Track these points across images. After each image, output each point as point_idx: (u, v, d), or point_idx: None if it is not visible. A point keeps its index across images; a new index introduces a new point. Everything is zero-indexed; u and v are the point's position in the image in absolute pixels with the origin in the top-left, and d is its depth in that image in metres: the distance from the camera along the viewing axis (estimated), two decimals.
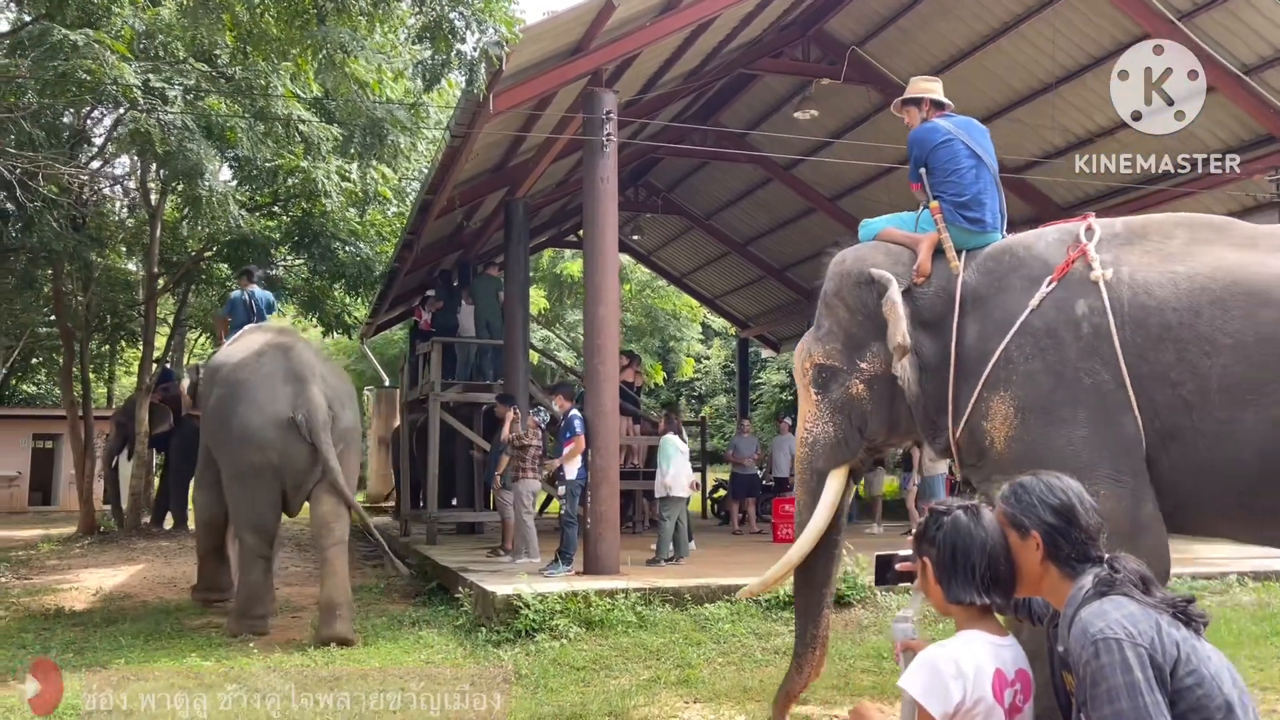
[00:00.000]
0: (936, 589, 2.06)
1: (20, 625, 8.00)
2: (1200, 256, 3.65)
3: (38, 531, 16.43)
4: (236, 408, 7.54)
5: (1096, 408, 3.63)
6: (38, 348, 21.91)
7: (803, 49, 12.76)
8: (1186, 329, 3.52)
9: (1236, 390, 3.43)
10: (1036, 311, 3.80)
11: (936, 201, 4.27)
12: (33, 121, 10.18)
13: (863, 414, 4.31)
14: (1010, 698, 1.94)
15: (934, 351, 4.10)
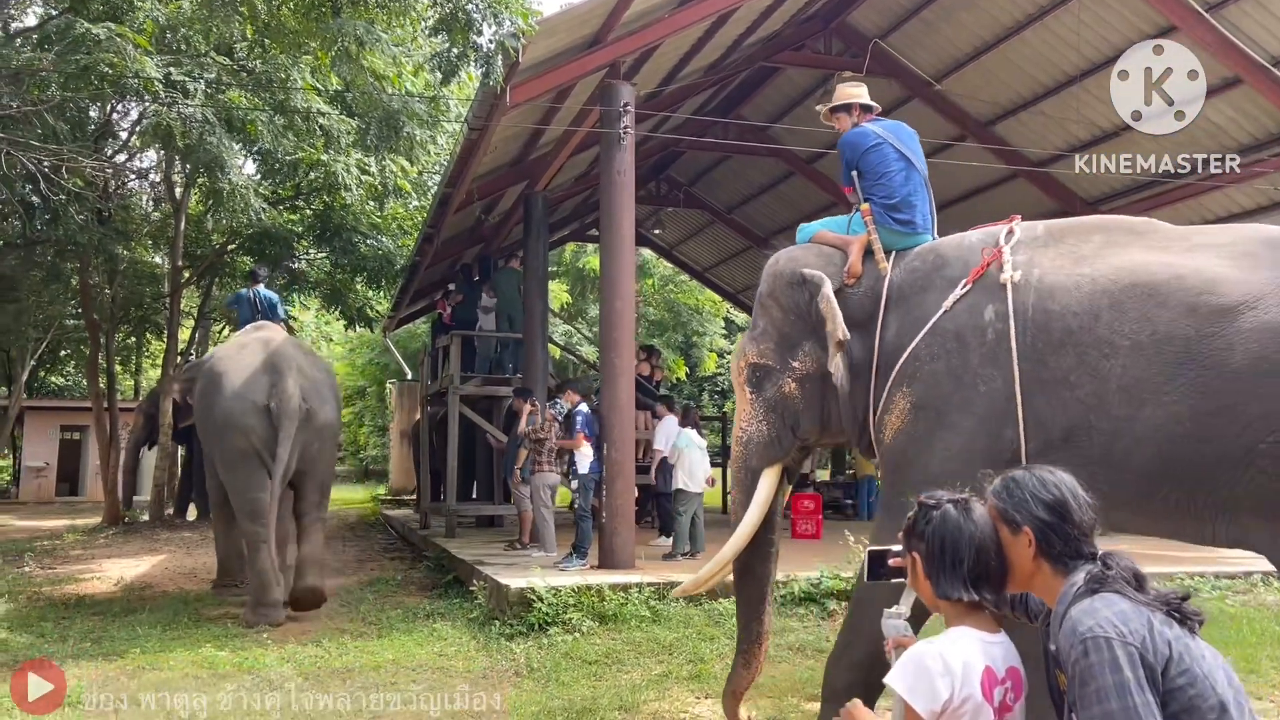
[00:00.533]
0: (926, 584, 2.01)
1: (40, 614, 8.08)
2: (1109, 259, 3.72)
3: (64, 521, 16.63)
4: (218, 397, 7.91)
5: (983, 418, 3.74)
6: (65, 340, 22.17)
7: (824, 42, 12.66)
8: (1086, 332, 3.59)
9: (1134, 389, 3.49)
10: (949, 313, 3.90)
11: (867, 204, 4.38)
12: (57, 115, 10.29)
13: (795, 412, 4.37)
14: (1000, 696, 1.90)
15: (861, 351, 4.19)
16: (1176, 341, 3.45)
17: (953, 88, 12.39)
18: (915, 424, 3.90)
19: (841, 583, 7.54)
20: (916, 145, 4.62)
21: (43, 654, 6.58)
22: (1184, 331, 3.45)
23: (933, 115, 12.96)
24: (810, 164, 15.54)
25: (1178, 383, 3.43)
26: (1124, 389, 3.51)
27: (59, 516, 18.20)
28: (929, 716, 1.84)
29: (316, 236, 15.55)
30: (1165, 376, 3.45)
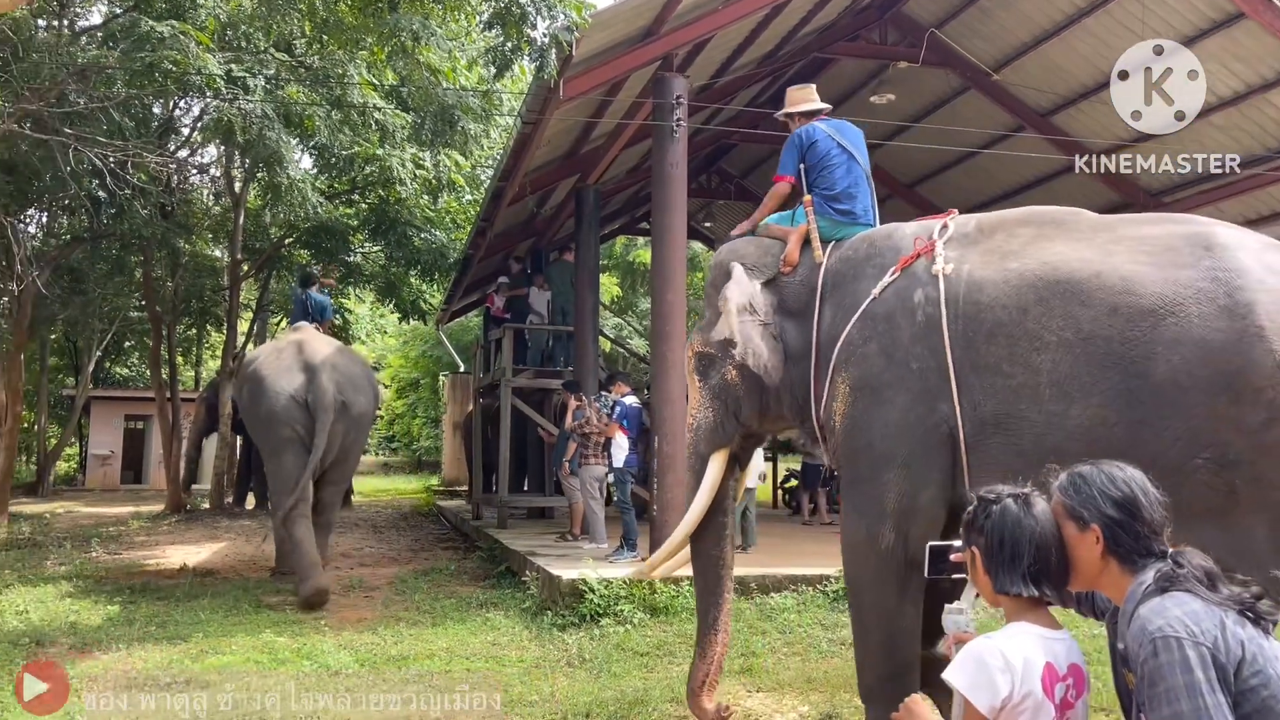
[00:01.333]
0: (985, 579, 1.99)
1: (108, 598, 8.30)
2: (1035, 254, 3.79)
3: (128, 508, 17.07)
4: (262, 395, 8.75)
5: (917, 392, 3.84)
6: (129, 332, 22.71)
7: (880, 32, 12.51)
8: (1016, 326, 3.66)
9: (1064, 385, 3.55)
10: (879, 299, 4.04)
11: (810, 195, 4.56)
12: (123, 111, 10.53)
13: (737, 399, 4.51)
14: (1061, 693, 1.87)
15: (798, 339, 4.33)
16: (1099, 342, 3.50)
17: (1010, 78, 12.18)
18: (855, 405, 4.03)
19: None
20: (860, 142, 4.82)
21: (111, 637, 6.77)
22: (1106, 332, 3.49)
23: (990, 105, 12.76)
24: None
25: (1104, 386, 3.48)
26: (1055, 384, 3.56)
27: (124, 503, 18.68)
28: (989, 713, 1.81)
29: (372, 230, 15.75)
30: (1092, 377, 3.50)
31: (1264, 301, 3.29)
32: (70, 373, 25.00)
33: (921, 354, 3.85)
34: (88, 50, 9.90)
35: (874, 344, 4.00)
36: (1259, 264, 3.40)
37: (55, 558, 10.64)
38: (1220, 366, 3.29)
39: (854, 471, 4.08)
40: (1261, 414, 3.25)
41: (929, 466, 3.83)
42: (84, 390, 22.70)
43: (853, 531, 4.08)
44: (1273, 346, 3.23)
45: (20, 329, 13.93)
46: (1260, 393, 3.24)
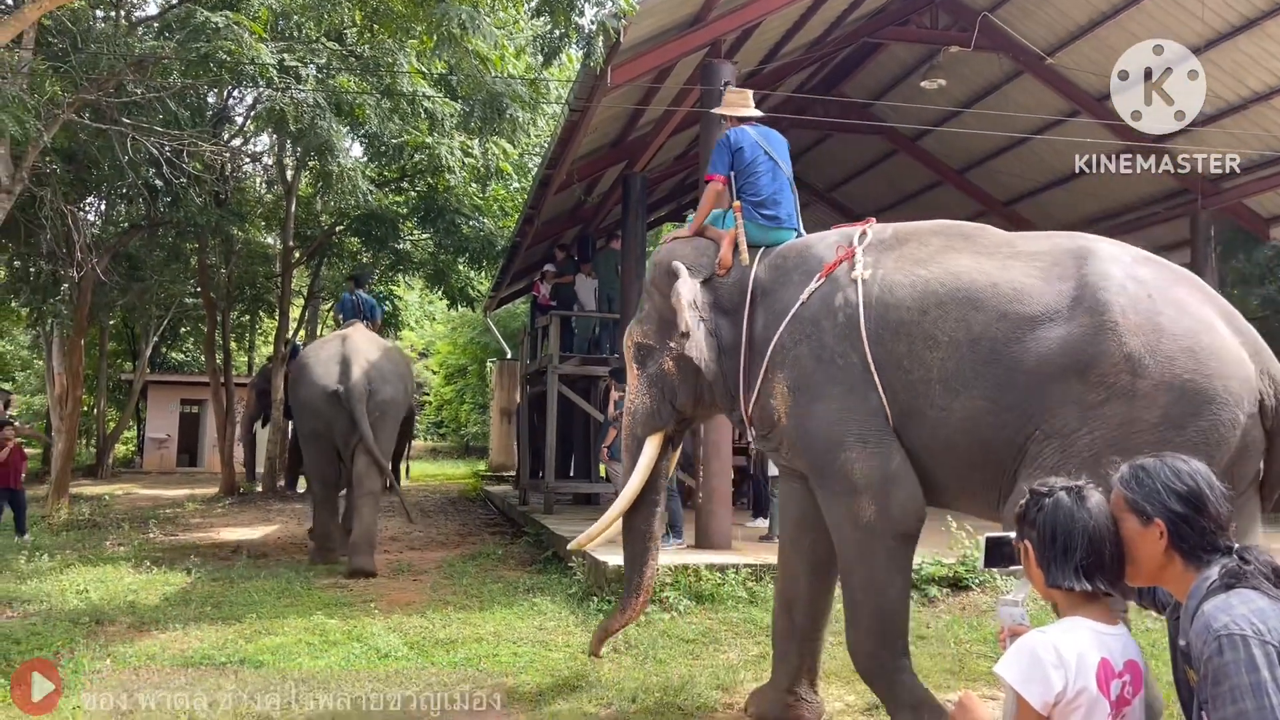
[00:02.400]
0: (1038, 573, 1.96)
1: (165, 579, 8.50)
2: (941, 263, 4.18)
3: (184, 491, 17.45)
4: (300, 385, 9.70)
5: (848, 385, 4.22)
6: (185, 318, 23.16)
7: (931, 16, 12.33)
8: (915, 326, 4.07)
9: (950, 382, 3.96)
10: (806, 304, 4.43)
11: (739, 201, 4.87)
12: (178, 101, 10.72)
13: (673, 388, 4.91)
14: (1118, 689, 1.84)
15: (730, 335, 4.75)
16: (986, 342, 3.91)
17: (1064, 61, 11.95)
18: (797, 404, 4.40)
19: (943, 569, 7.41)
20: (785, 151, 5.19)
21: (168, 616, 6.93)
22: (994, 333, 3.90)
23: (1043, 90, 12.53)
24: (915, 141, 15.20)
25: (985, 380, 3.89)
26: (946, 380, 3.98)
27: (179, 486, 19.10)
28: (1042, 708, 1.79)
29: (421, 218, 15.88)
30: (975, 373, 3.91)
31: (1119, 302, 3.72)
32: (128, 358, 25.57)
33: (845, 351, 4.24)
34: (144, 41, 10.06)
35: (804, 346, 4.39)
36: (1124, 273, 3.83)
37: (114, 538, 10.91)
38: (1077, 355, 3.73)
39: (815, 464, 4.38)
40: (1102, 394, 3.69)
41: (881, 435, 4.14)
42: (141, 375, 23.20)
43: (831, 515, 4.37)
44: (1123, 340, 3.66)
45: (81, 315, 14.26)
46: (1105, 377, 3.68)
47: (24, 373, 28.38)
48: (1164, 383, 3.61)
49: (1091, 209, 14.52)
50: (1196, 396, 3.59)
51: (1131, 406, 3.65)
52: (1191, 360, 3.61)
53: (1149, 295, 3.75)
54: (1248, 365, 3.68)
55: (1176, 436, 3.55)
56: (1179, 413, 3.60)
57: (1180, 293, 3.80)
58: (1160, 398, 3.62)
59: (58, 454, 14.27)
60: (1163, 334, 3.66)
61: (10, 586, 7.92)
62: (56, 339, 17.55)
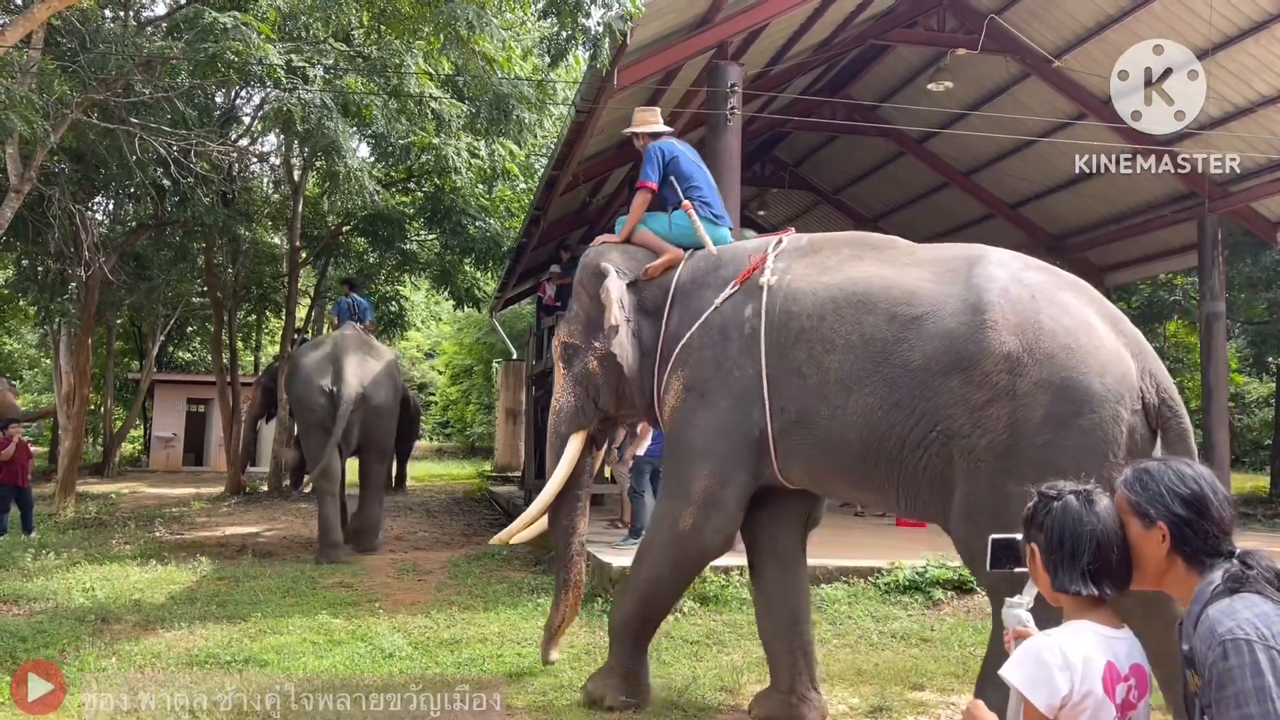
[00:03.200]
0: (1044, 576, 1.95)
1: (170, 577, 8.52)
2: (845, 271, 4.39)
3: (190, 490, 17.49)
4: (297, 383, 10.38)
5: (737, 397, 4.46)
6: (192, 317, 23.22)
7: (938, 18, 12.32)
8: (814, 332, 4.28)
9: (845, 382, 4.16)
10: (718, 309, 4.65)
11: (689, 201, 5.13)
12: (186, 101, 10.75)
13: (596, 387, 5.08)
14: (1123, 693, 1.83)
15: (650, 336, 4.96)
16: (876, 343, 4.11)
17: (1072, 64, 11.93)
18: (685, 403, 4.64)
19: (949, 571, 7.40)
20: (703, 162, 5.51)
21: (173, 615, 6.95)
22: (884, 335, 4.10)
23: (1050, 93, 12.52)
24: (921, 143, 15.18)
25: (876, 378, 4.08)
26: (839, 381, 4.18)
27: (185, 485, 19.14)
28: (1048, 711, 1.79)
29: (427, 218, 15.91)
30: (867, 372, 4.11)
31: (1001, 304, 3.88)
32: (135, 357, 25.64)
33: (744, 364, 4.47)
34: (153, 41, 10.09)
35: (708, 351, 4.62)
36: (1009, 276, 4.00)
37: (120, 536, 10.94)
38: (958, 353, 3.89)
39: (674, 459, 4.74)
40: (985, 394, 3.83)
41: (736, 466, 4.48)
42: (148, 374, 23.26)
43: (660, 507, 4.78)
44: (1002, 338, 3.81)
45: (88, 314, 14.31)
46: (987, 376, 3.83)
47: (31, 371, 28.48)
48: (1043, 381, 3.74)
49: (1099, 212, 14.50)
50: (1076, 394, 3.71)
51: (1015, 407, 3.78)
52: (1070, 358, 3.74)
53: (1032, 297, 3.90)
54: (1128, 364, 3.80)
55: (1064, 436, 3.72)
56: (1061, 411, 3.73)
57: (1064, 296, 3.95)
58: (1041, 397, 3.74)
59: (64, 452, 14.32)
60: (1042, 333, 3.79)
61: (17, 584, 7.95)
62: (64, 337, 17.61)
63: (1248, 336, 21.34)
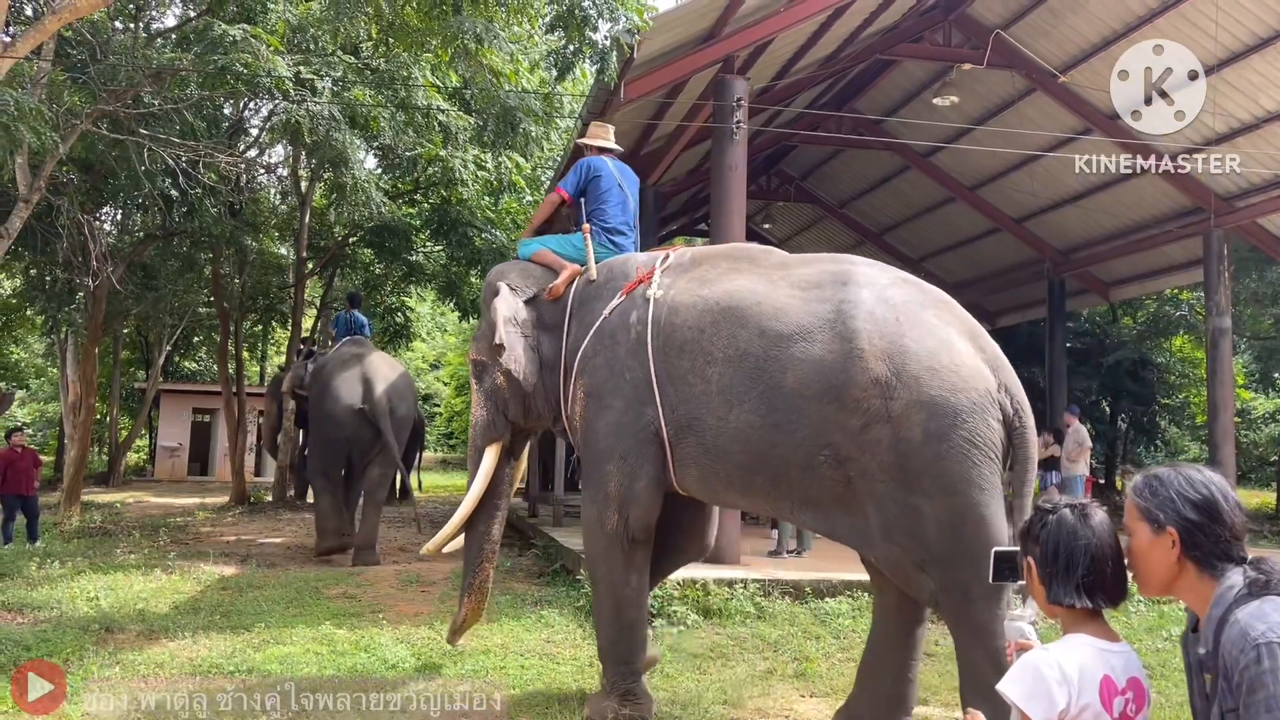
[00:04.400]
0: (1040, 589, 1.97)
1: (174, 587, 8.52)
2: (723, 284, 4.59)
3: (195, 500, 17.50)
4: (325, 400, 10.62)
5: (630, 398, 4.67)
6: (198, 327, 23.28)
7: (944, 33, 12.37)
8: (695, 343, 4.49)
9: (726, 394, 4.35)
10: (608, 318, 4.89)
11: (588, 224, 5.34)
12: (195, 112, 10.80)
13: (504, 400, 5.31)
14: (1120, 706, 1.84)
15: (552, 350, 5.20)
16: (750, 358, 4.29)
17: (1078, 79, 11.97)
18: (587, 409, 4.89)
19: None
20: (635, 187, 5.71)
21: (177, 625, 6.95)
22: (756, 350, 4.28)
23: (1056, 108, 12.55)
24: (926, 158, 15.22)
25: (753, 393, 4.26)
26: (721, 392, 4.36)
27: (190, 494, 19.16)
28: None
29: (434, 230, 15.94)
30: (745, 387, 4.29)
31: (867, 329, 4.07)
32: (141, 366, 25.71)
33: (633, 366, 4.69)
34: (163, 53, 10.15)
35: (601, 357, 4.85)
36: (876, 298, 4.17)
37: (125, 546, 10.95)
38: (830, 380, 4.09)
39: (587, 465, 4.95)
40: (860, 419, 4.03)
41: (641, 460, 4.66)
42: (154, 383, 23.32)
43: (586, 515, 4.97)
44: (869, 366, 4.01)
45: (95, 323, 14.35)
46: (859, 402, 4.03)
47: (38, 380, 28.56)
48: (915, 402, 3.96)
49: (1105, 226, 14.51)
50: (948, 410, 3.94)
51: (894, 428, 3.98)
52: (934, 379, 3.97)
53: (896, 319, 4.10)
54: (987, 378, 4.06)
55: (948, 447, 3.94)
56: (938, 427, 3.94)
57: (927, 315, 4.15)
58: (916, 416, 3.95)
59: (70, 461, 14.34)
60: (907, 356, 4.00)
61: (21, 593, 7.96)
62: (71, 347, 17.67)
63: (1254, 352, 21.32)
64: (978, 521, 3.94)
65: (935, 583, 4.01)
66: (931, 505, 3.97)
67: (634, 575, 4.86)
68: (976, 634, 3.98)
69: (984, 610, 3.93)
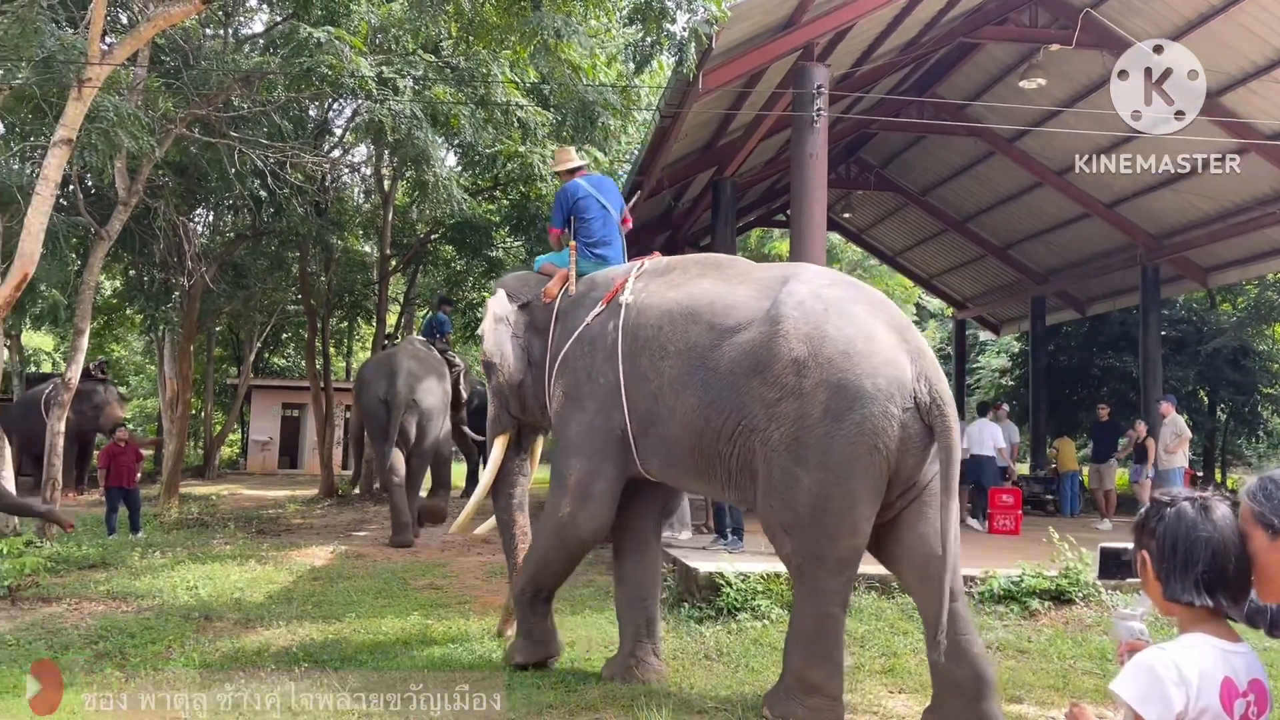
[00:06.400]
0: (1155, 585, 1.87)
1: (268, 578, 8.76)
2: (686, 287, 5.06)
3: (285, 492, 17.98)
4: (363, 392, 11.86)
5: (602, 402, 5.16)
6: (286, 324, 23.89)
7: (1030, 13, 12.02)
8: (654, 341, 4.96)
9: (675, 384, 4.84)
10: (589, 325, 5.35)
11: (574, 242, 5.91)
12: (282, 114, 11.08)
13: (506, 396, 5.88)
14: (1241, 709, 1.75)
15: (540, 351, 5.72)
16: (698, 349, 4.80)
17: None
18: (564, 408, 5.39)
19: (1045, 581, 7.19)
20: (614, 196, 6.20)
21: (272, 614, 7.14)
22: (703, 342, 4.79)
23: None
24: (1012, 142, 14.83)
25: (696, 379, 4.77)
26: (671, 383, 4.86)
27: (280, 487, 19.69)
28: None
29: (513, 225, 16.08)
30: (690, 376, 4.80)
31: (795, 316, 4.55)
32: (233, 363, 26.48)
33: (607, 372, 5.16)
34: (251, 57, 10.44)
35: (580, 362, 5.33)
36: (809, 292, 4.65)
37: (221, 537, 11.30)
38: (757, 357, 4.58)
39: (557, 457, 5.44)
40: (776, 393, 4.51)
41: (604, 460, 5.16)
42: (245, 379, 24.00)
43: (549, 498, 5.48)
44: (791, 345, 4.49)
45: (190, 322, 14.82)
46: (778, 377, 4.51)
47: (137, 377, 29.61)
48: (823, 381, 4.41)
49: (1202, 210, 13.98)
50: (849, 392, 4.37)
51: (801, 403, 4.45)
52: (846, 362, 4.39)
53: (824, 310, 4.55)
54: (902, 367, 4.43)
55: (838, 428, 4.38)
56: (837, 406, 4.38)
57: (855, 308, 4.59)
58: (821, 394, 4.41)
59: (168, 455, 14.85)
60: (825, 340, 4.45)
61: (126, 582, 8.26)
62: (168, 345, 18.27)
63: None
64: (843, 500, 4.43)
65: (792, 544, 4.59)
66: (809, 477, 4.46)
67: (565, 562, 5.53)
68: (811, 595, 4.61)
69: (824, 577, 4.55)
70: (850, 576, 4.62)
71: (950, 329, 26.12)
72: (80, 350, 10.54)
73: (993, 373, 27.21)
